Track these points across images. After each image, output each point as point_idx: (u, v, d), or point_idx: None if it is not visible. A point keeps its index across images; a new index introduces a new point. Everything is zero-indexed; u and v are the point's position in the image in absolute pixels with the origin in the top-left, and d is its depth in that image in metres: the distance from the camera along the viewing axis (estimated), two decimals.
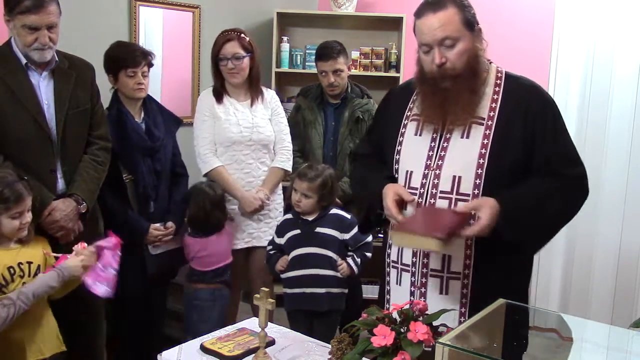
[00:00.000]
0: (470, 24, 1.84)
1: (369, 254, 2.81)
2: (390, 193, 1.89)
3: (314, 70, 4.24)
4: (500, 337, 1.41)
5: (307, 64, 4.34)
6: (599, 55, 3.76)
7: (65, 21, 3.00)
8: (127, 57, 2.79)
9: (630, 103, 3.70)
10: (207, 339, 1.91)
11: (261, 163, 3.12)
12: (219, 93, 3.10)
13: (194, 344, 1.89)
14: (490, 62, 1.95)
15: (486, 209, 1.72)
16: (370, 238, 2.83)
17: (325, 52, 3.37)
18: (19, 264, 2.13)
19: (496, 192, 1.77)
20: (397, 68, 4.28)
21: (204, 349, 1.85)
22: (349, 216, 2.82)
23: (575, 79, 3.82)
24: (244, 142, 3.06)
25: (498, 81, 1.91)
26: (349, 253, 2.78)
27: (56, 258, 2.17)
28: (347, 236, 2.77)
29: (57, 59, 2.43)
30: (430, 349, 1.44)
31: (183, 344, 1.91)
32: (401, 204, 1.89)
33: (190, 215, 2.94)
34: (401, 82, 4.23)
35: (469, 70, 1.84)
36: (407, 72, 4.27)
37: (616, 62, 3.71)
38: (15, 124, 2.32)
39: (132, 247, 2.79)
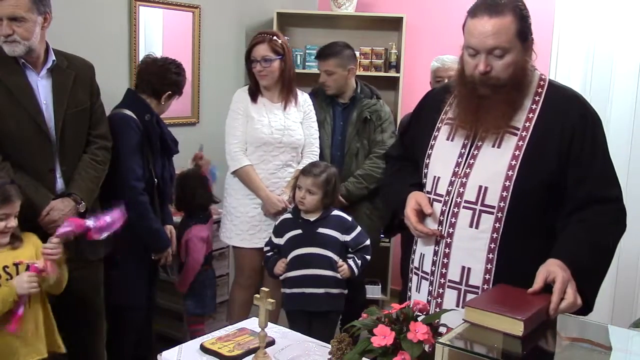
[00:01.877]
0: (525, 35, 1.75)
1: (368, 257, 2.82)
2: (412, 201, 1.86)
3: (314, 70, 4.24)
4: (500, 337, 1.40)
5: (307, 64, 4.34)
6: (599, 56, 3.75)
7: (65, 21, 3.02)
8: (184, 86, 2.97)
9: (630, 103, 3.69)
10: (207, 338, 1.91)
11: (288, 165, 3.15)
12: (254, 93, 3.14)
13: (193, 344, 1.89)
14: (535, 69, 1.86)
15: (563, 286, 1.58)
16: (368, 241, 2.84)
17: (320, 52, 3.43)
18: (4, 267, 2.10)
19: (554, 252, 1.67)
20: (397, 68, 4.29)
21: (204, 349, 1.85)
22: (350, 218, 2.83)
23: (575, 79, 3.81)
24: (274, 143, 3.09)
25: (539, 90, 1.82)
26: (350, 255, 2.78)
27: (27, 267, 2.12)
28: (347, 238, 2.77)
29: (54, 58, 2.42)
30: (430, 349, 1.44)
31: (183, 344, 1.91)
32: (422, 213, 1.86)
33: (177, 197, 3.16)
34: (401, 82, 4.25)
35: (512, 82, 1.75)
36: (407, 72, 4.28)
37: (616, 62, 3.71)
38: (14, 124, 2.32)
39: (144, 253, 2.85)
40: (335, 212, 2.82)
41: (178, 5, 3.74)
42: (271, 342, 1.88)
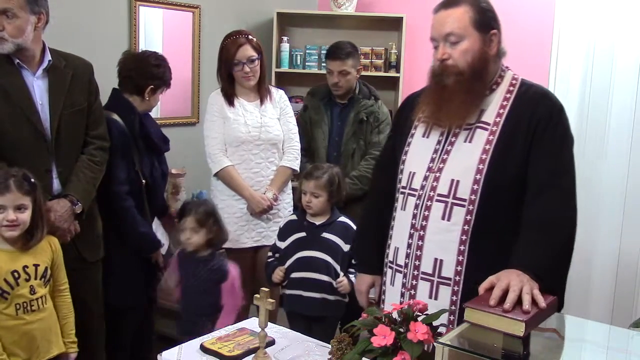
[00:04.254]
0: (483, 26, 1.82)
1: None
2: (364, 287, 2.15)
3: (314, 71, 4.25)
4: (500, 337, 1.40)
5: (307, 64, 4.34)
6: (600, 52, 3.74)
7: (65, 21, 3.02)
8: (170, 79, 2.92)
9: (630, 99, 3.67)
10: (207, 339, 1.91)
11: (270, 162, 3.14)
12: (229, 94, 3.12)
13: (193, 344, 1.89)
14: (508, 69, 1.93)
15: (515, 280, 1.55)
16: None
17: (335, 52, 3.39)
18: (24, 267, 2.12)
19: (511, 261, 1.67)
20: (397, 68, 4.28)
21: (204, 349, 1.85)
22: (355, 227, 2.81)
23: (576, 75, 3.80)
24: (252, 141, 3.08)
25: (511, 88, 1.88)
26: (351, 270, 2.75)
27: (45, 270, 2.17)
28: (349, 247, 2.76)
29: (50, 58, 2.41)
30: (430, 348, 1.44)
31: (183, 344, 1.91)
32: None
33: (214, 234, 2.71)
34: (401, 82, 4.25)
35: (471, 71, 1.82)
36: (407, 72, 4.27)
37: (616, 58, 3.69)
38: (9, 125, 2.31)
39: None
40: (342, 219, 2.81)
41: (178, 5, 3.74)
42: (271, 342, 1.88)
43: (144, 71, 2.81)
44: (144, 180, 2.80)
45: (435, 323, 1.52)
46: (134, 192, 2.74)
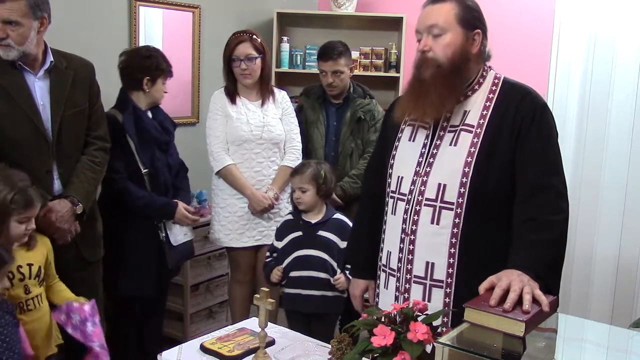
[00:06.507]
0: (468, 23, 1.83)
1: None
2: (358, 292, 2.16)
3: (314, 70, 4.23)
4: (500, 337, 1.41)
5: (307, 64, 4.35)
6: (600, 42, 3.71)
7: (66, 21, 3.02)
8: (169, 68, 2.94)
9: (632, 90, 3.63)
10: (207, 339, 1.91)
11: (271, 162, 3.16)
12: (231, 93, 3.14)
13: (194, 344, 1.89)
14: (490, 68, 1.94)
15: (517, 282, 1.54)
16: None
17: (326, 52, 3.37)
18: (18, 267, 2.13)
19: (511, 262, 1.67)
20: (397, 68, 4.29)
21: (204, 349, 1.85)
22: (351, 224, 2.81)
23: (576, 66, 3.76)
24: (254, 140, 3.09)
25: (494, 88, 1.88)
26: (348, 266, 2.77)
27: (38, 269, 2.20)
28: (345, 245, 2.76)
29: (52, 59, 2.41)
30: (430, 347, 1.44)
31: (183, 344, 1.91)
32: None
33: None
34: (401, 82, 4.25)
35: (450, 65, 1.82)
36: (407, 72, 4.26)
37: (617, 49, 3.65)
38: (11, 125, 2.30)
39: (149, 240, 2.88)
40: (337, 216, 2.82)
41: (178, 5, 3.74)
42: (271, 342, 1.89)
43: (135, 65, 2.86)
44: (144, 170, 2.83)
45: (434, 323, 1.53)
46: (135, 180, 2.80)
